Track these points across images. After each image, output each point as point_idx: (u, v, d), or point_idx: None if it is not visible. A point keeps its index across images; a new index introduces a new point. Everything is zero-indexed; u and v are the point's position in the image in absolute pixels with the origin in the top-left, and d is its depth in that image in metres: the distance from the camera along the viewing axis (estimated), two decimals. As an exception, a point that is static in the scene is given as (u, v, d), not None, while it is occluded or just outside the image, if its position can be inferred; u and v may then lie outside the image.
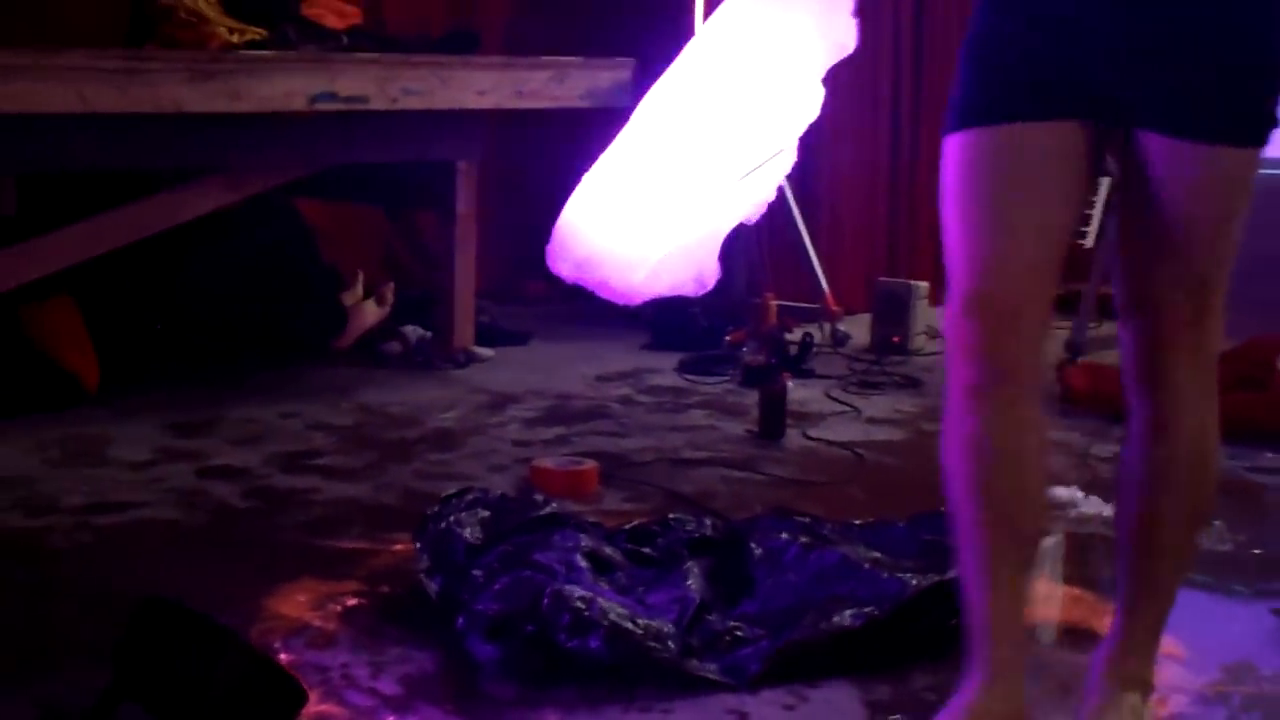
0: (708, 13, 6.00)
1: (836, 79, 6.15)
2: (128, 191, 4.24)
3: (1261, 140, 2.05)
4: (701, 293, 3.18)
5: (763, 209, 4.02)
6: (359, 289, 5.17)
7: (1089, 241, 5.97)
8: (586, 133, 5.34)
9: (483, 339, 5.04)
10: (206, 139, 4.23)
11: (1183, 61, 1.97)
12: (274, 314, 4.79)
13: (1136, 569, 2.21)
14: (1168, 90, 1.98)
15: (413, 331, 5.03)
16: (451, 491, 2.96)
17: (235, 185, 4.46)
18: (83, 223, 4.14)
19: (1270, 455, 3.90)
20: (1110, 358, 4.86)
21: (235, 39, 4.63)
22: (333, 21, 5.05)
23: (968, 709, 2.11)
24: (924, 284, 5.43)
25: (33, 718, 2.25)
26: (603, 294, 3.38)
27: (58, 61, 3.76)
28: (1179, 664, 2.54)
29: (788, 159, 3.71)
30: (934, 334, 5.42)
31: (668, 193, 2.98)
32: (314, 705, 2.24)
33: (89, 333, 4.27)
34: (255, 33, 4.66)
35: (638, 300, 3.07)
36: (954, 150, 2.06)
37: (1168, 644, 2.54)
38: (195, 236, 4.55)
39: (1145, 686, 2.22)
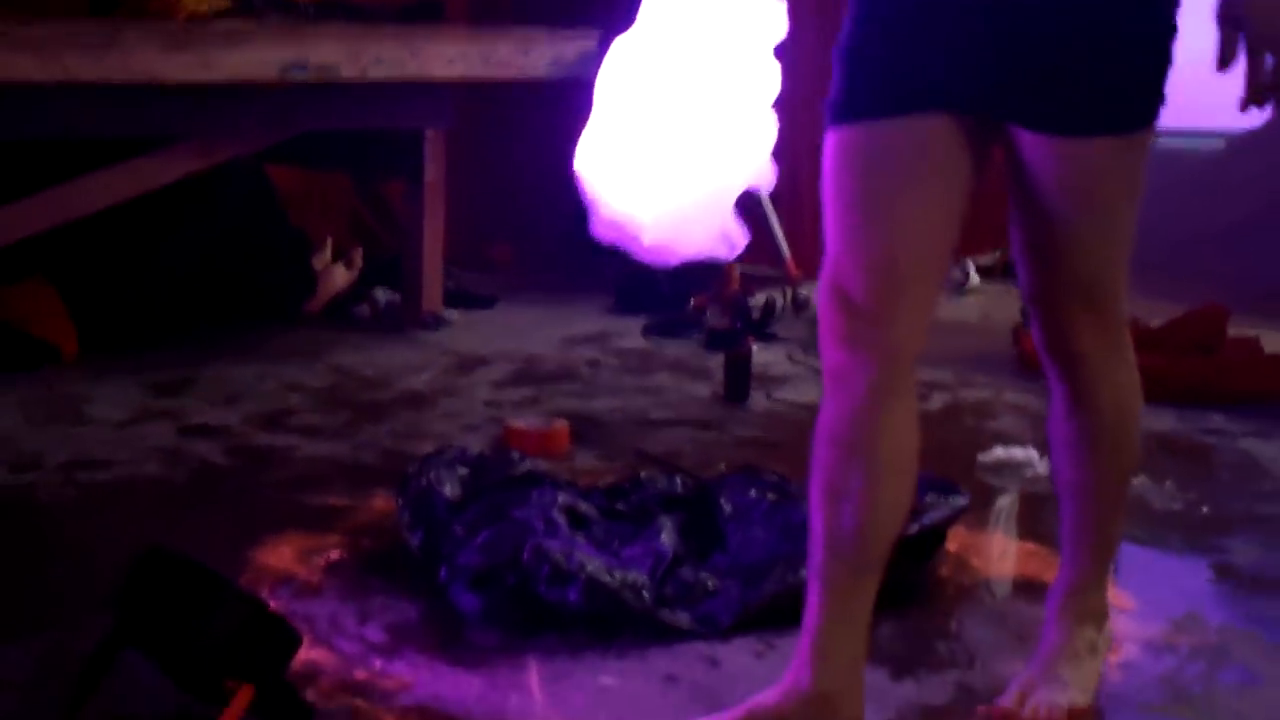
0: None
1: (797, 44, 6.26)
2: (101, 159, 4.29)
3: (1145, 122, 1.99)
4: (734, 254, 3.23)
5: (773, 175, 4.08)
6: (328, 253, 5.24)
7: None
8: (550, 102, 5.42)
9: (450, 303, 5.12)
10: (179, 107, 4.28)
11: (1046, 47, 1.91)
12: (245, 278, 4.86)
13: (1074, 518, 2.28)
14: (1032, 80, 1.93)
15: (382, 295, 5.11)
16: (430, 450, 3.05)
17: (206, 152, 4.52)
18: (57, 188, 4.20)
19: (1218, 417, 4.02)
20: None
21: (203, 8, 4.68)
22: (299, -10, 5.11)
23: (773, 712, 2.07)
24: (883, 251, 5.54)
25: (31, 668, 2.32)
26: (641, 257, 3.41)
27: (35, 32, 3.81)
28: (1128, 615, 2.65)
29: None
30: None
31: (673, 153, 3.02)
32: (304, 652, 2.31)
33: (66, 306, 4.34)
34: (221, 2, 4.71)
35: (673, 261, 3.12)
36: (829, 146, 2.04)
37: (1118, 596, 2.68)
38: (167, 204, 4.61)
39: (1099, 618, 2.30)
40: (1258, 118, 4.69)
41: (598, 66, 3.74)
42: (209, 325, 4.72)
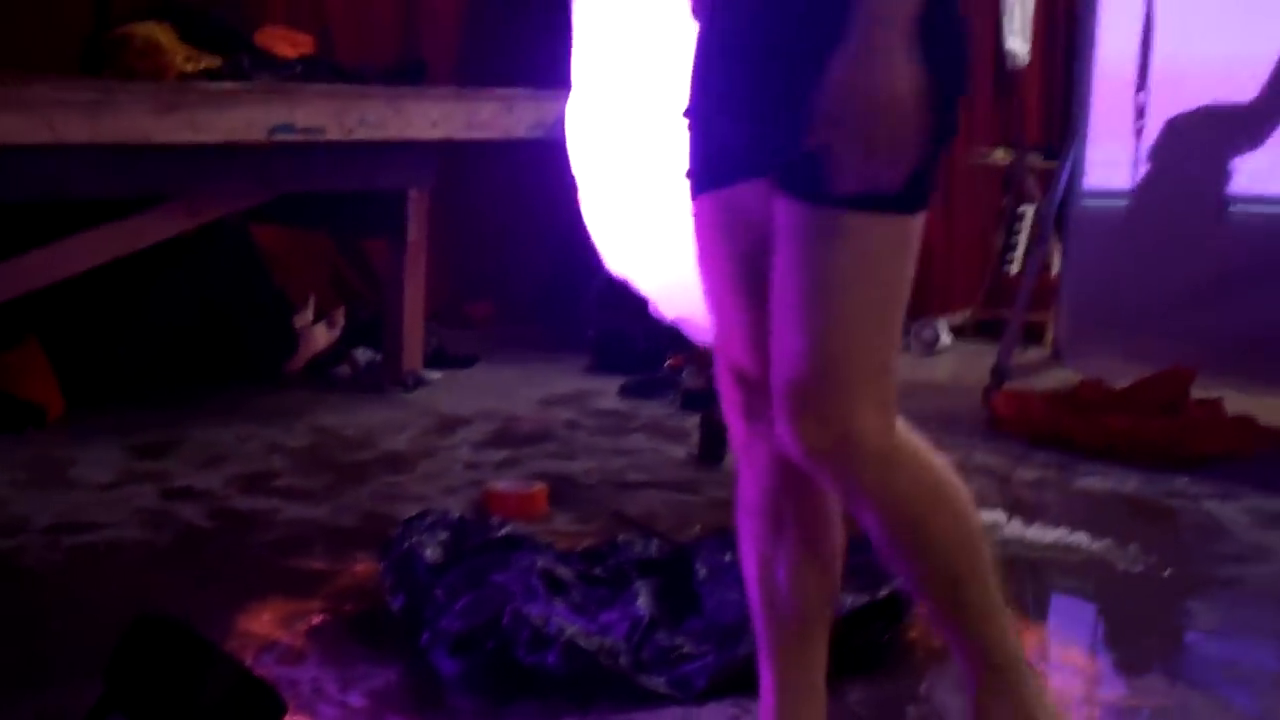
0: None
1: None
2: (89, 218, 4.36)
3: (885, 206, 1.80)
4: None
5: None
6: (309, 313, 5.31)
7: (1014, 268, 6.20)
8: (532, 161, 5.51)
9: (431, 362, 5.18)
10: (167, 167, 4.36)
11: (776, 104, 1.83)
12: (229, 337, 4.92)
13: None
14: (777, 136, 1.83)
15: (362, 354, 5.17)
16: (412, 514, 3.12)
17: (193, 212, 4.59)
18: (45, 248, 4.26)
19: (1183, 480, 4.10)
20: (1035, 383, 5.08)
21: (190, 67, 4.76)
22: (285, 50, 5.19)
23: None
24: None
25: (21, 729, 2.38)
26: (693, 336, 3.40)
27: (27, 94, 3.88)
28: (1088, 678, 2.73)
29: None
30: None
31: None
32: (288, 718, 2.38)
33: (53, 365, 4.40)
34: (210, 61, 4.79)
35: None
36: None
37: (1079, 658, 2.75)
38: (153, 263, 4.68)
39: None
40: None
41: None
42: (192, 384, 4.77)
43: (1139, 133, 5.11)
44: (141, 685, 2.17)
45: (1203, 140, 5.00)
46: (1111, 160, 5.14)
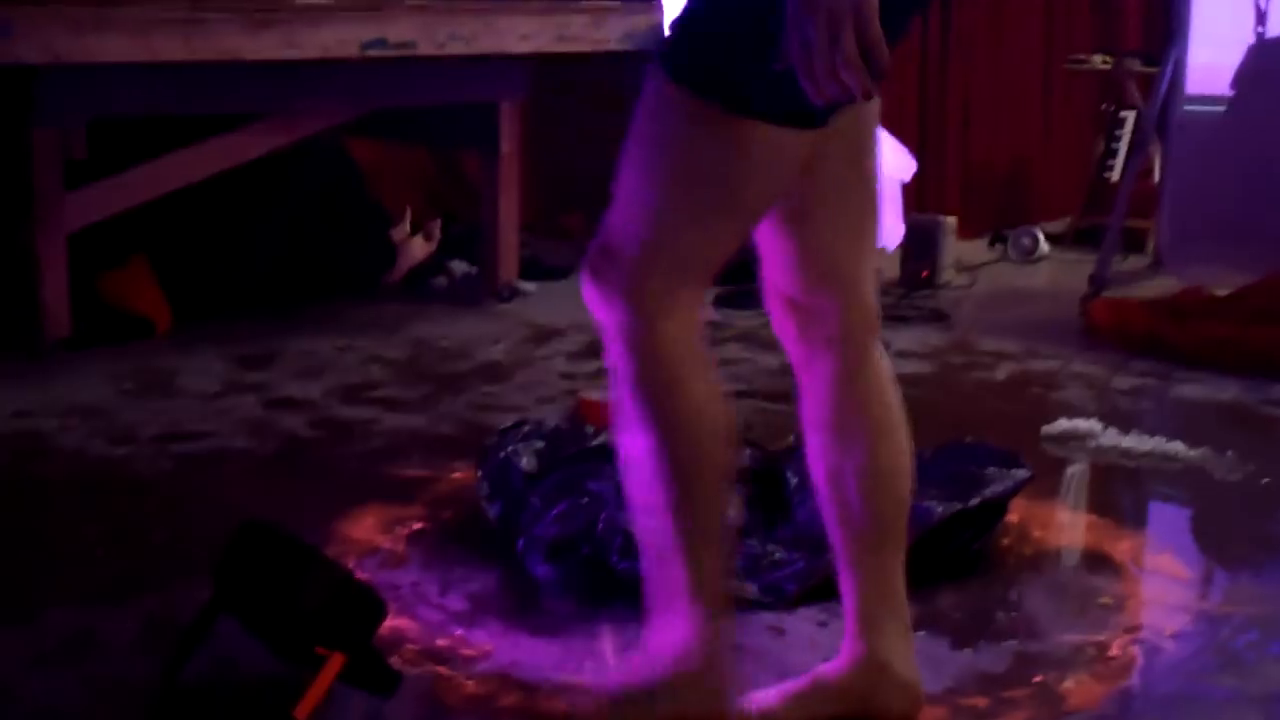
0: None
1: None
2: (189, 135, 4.43)
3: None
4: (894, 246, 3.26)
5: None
6: (406, 225, 5.36)
7: (1115, 175, 6.12)
8: (622, 73, 5.49)
9: (525, 273, 5.22)
10: (262, 84, 4.41)
11: None
12: (327, 251, 4.99)
13: None
14: None
15: (458, 266, 5.22)
16: (508, 424, 3.16)
17: (289, 128, 4.65)
18: (148, 164, 4.34)
19: (1283, 388, 4.06)
20: (1135, 291, 5.03)
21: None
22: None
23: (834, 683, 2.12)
24: (952, 219, 5.58)
25: (132, 631, 2.46)
26: None
27: (122, 13, 3.94)
28: (1183, 584, 2.73)
29: None
30: (962, 268, 5.59)
31: None
32: (389, 620, 2.43)
33: (161, 281, 4.49)
34: (303, -23, 4.81)
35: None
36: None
37: (1174, 565, 2.76)
38: (251, 180, 4.74)
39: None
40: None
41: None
42: (292, 297, 4.85)
43: (1260, 37, 4.99)
44: (247, 588, 2.24)
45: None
46: (1213, 66, 5.04)
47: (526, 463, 2.97)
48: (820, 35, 1.61)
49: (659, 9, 5.05)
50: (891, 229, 3.26)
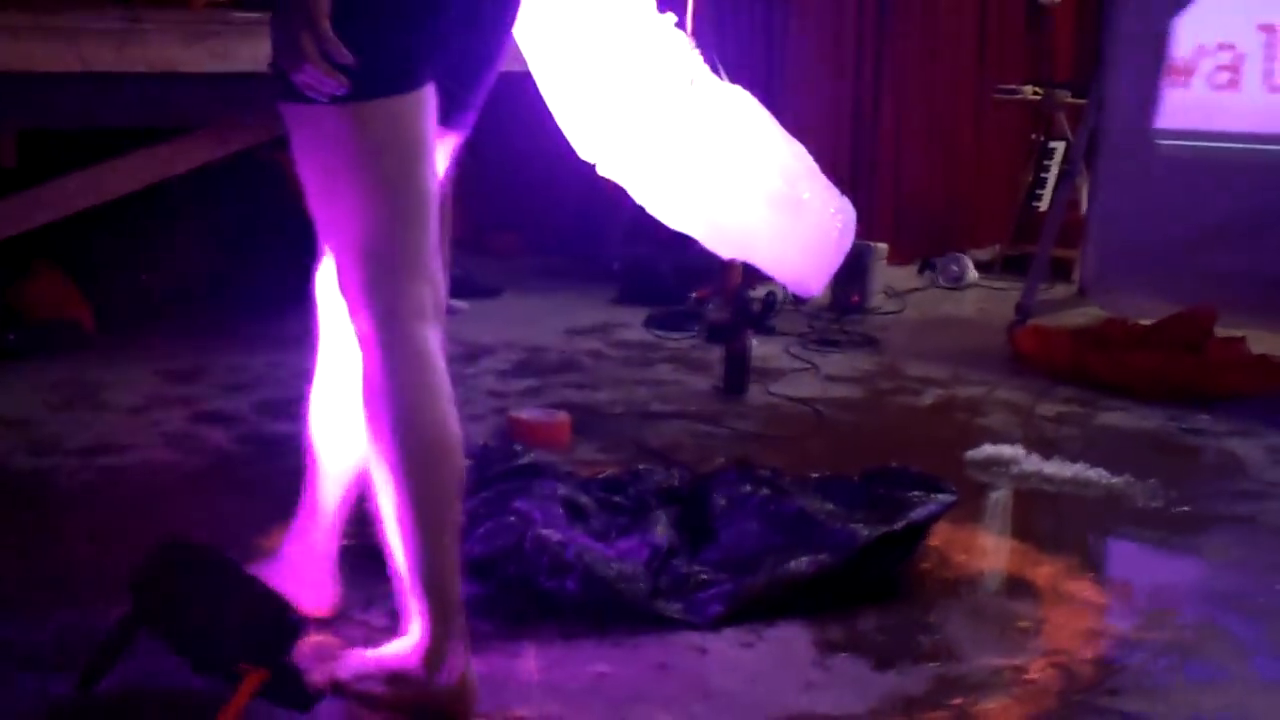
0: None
1: (798, 47, 6.36)
2: (120, 146, 4.39)
3: (288, 97, 2.13)
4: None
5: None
6: (338, 241, 5.33)
7: (1043, 204, 6.20)
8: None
9: (456, 291, 5.20)
10: (197, 96, 4.38)
11: None
12: (258, 265, 4.96)
13: None
14: None
15: (391, 283, 5.20)
16: (436, 441, 3.15)
17: (223, 140, 4.61)
18: (78, 174, 4.30)
19: (1204, 418, 4.11)
20: (1060, 319, 5.09)
21: (221, -3, 4.77)
22: (315, -21, 5.19)
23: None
24: (883, 245, 5.64)
25: (50, 645, 2.43)
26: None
27: (57, 22, 3.90)
28: (1101, 610, 2.76)
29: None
30: (892, 294, 5.64)
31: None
32: (311, 636, 2.43)
33: (83, 293, 4.45)
34: (239, -10, 4.80)
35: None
36: None
37: (1090, 590, 2.79)
38: (181, 191, 4.71)
39: None
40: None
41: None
42: (220, 311, 4.82)
43: (1189, 71, 5.03)
44: (166, 602, 2.22)
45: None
46: (1140, 99, 5.11)
47: (454, 480, 2.96)
48: (282, 36, 2.02)
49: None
50: (816, 274, 3.25)
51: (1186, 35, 5.04)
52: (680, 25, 3.16)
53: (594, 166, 3.22)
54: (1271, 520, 3.31)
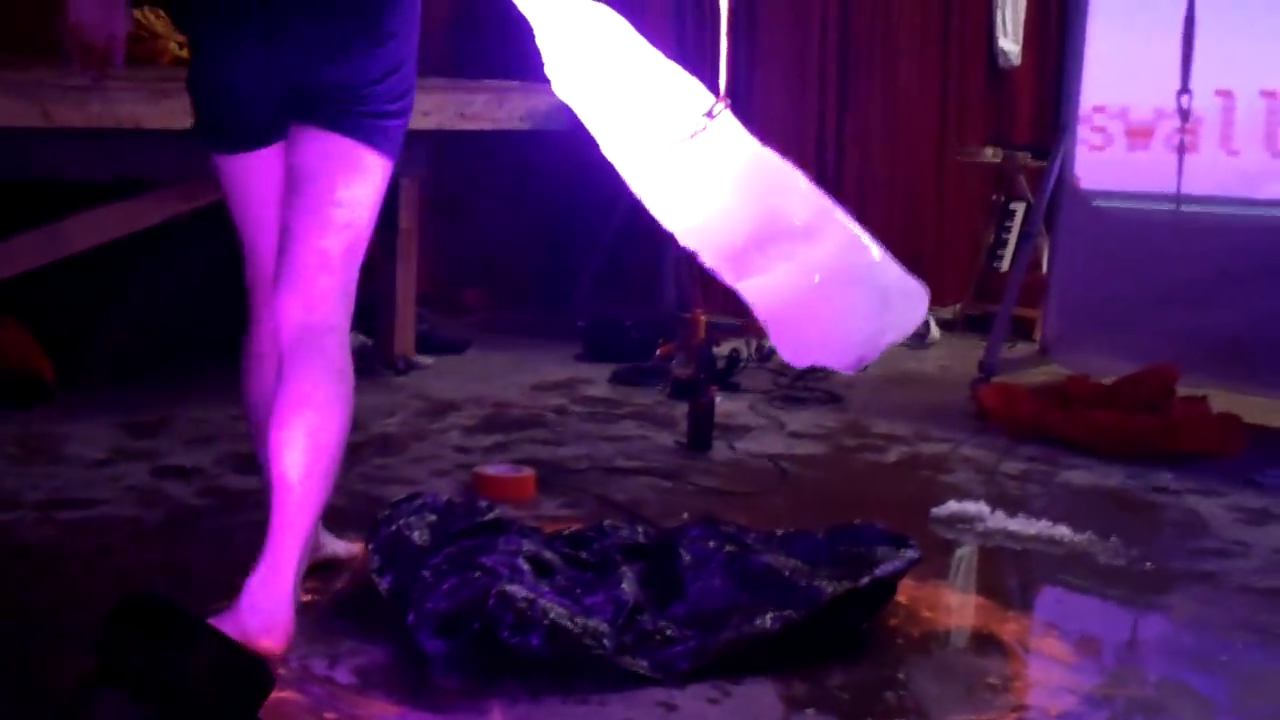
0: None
1: (763, 103, 6.40)
2: (86, 201, 4.38)
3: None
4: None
5: None
6: (302, 296, 5.32)
7: (1004, 265, 6.25)
8: (523, 152, 5.55)
9: (422, 347, 5.21)
10: (161, 152, 4.37)
11: None
12: (221, 319, 4.93)
13: None
14: None
15: (354, 339, 5.18)
16: (401, 496, 3.15)
17: (187, 196, 4.61)
18: (40, 229, 4.29)
19: (1167, 476, 4.14)
20: (1022, 377, 5.12)
21: (185, 54, 4.77)
22: (281, 37, 5.21)
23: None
24: (846, 303, 5.64)
25: (12, 702, 2.40)
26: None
27: (21, 78, 3.90)
28: (1067, 667, 2.77)
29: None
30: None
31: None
32: (275, 693, 2.40)
33: (44, 346, 4.42)
34: (207, 47, 4.80)
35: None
36: None
37: (1055, 647, 2.80)
38: (142, 245, 4.70)
39: None
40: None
41: (568, 119, 3.67)
42: (183, 365, 4.80)
43: (1183, 134, 5.03)
44: (130, 660, 2.20)
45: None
46: (1100, 161, 5.17)
47: (419, 536, 2.96)
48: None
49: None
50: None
51: (1145, 98, 5.10)
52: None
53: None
54: (1235, 578, 3.33)
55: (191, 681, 2.17)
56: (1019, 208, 6.28)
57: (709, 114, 2.87)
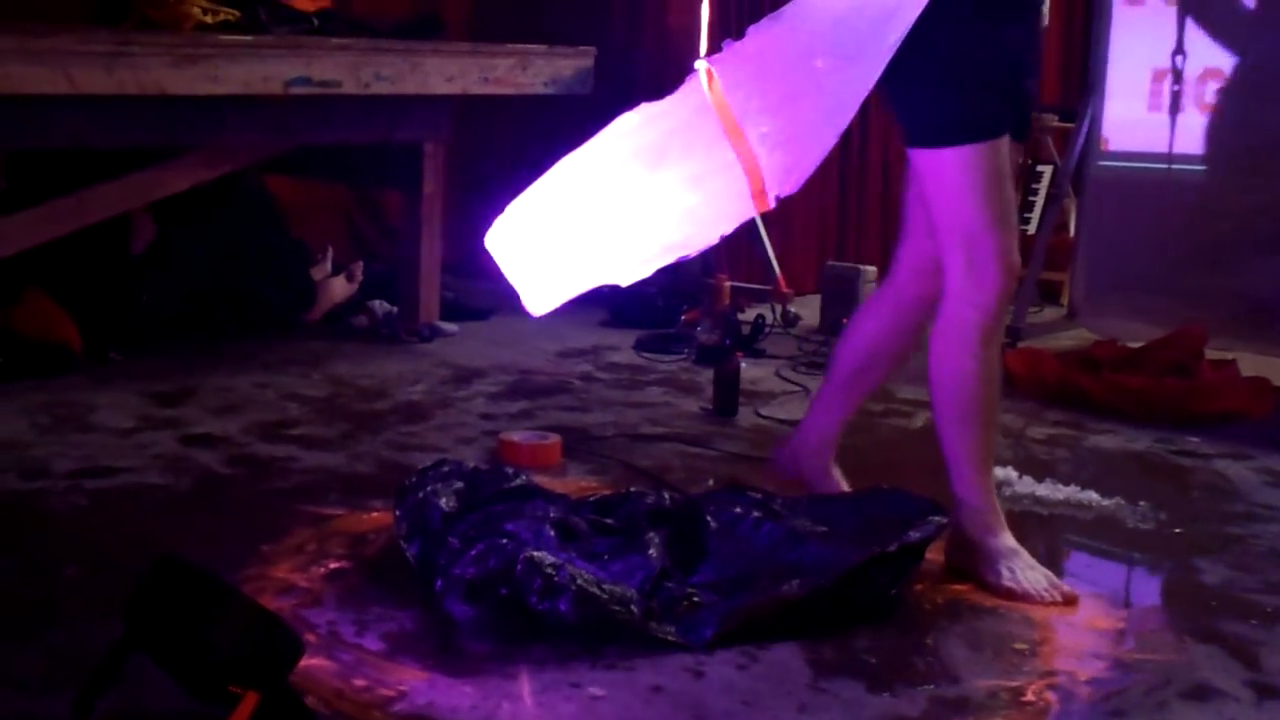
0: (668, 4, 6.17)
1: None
2: (111, 168, 4.39)
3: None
4: None
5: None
6: (328, 264, 5.34)
7: (1031, 228, 6.21)
8: (547, 116, 5.53)
9: (447, 314, 5.21)
10: (186, 118, 4.38)
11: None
12: (246, 288, 4.96)
13: None
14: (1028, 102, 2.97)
15: (379, 306, 5.20)
16: (427, 463, 3.15)
17: (211, 162, 4.62)
18: (65, 198, 4.30)
19: (1195, 439, 4.13)
20: (1050, 342, 5.10)
21: (209, 19, 4.77)
22: (303, 4, 5.21)
23: None
24: (872, 268, 5.63)
25: (41, 669, 2.41)
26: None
27: (46, 44, 3.90)
28: (1096, 633, 2.76)
29: None
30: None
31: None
32: (305, 659, 2.40)
33: (73, 315, 4.43)
34: (228, 13, 4.79)
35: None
36: (973, 159, 2.81)
37: (1087, 613, 2.79)
38: (170, 214, 4.71)
39: None
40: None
41: (594, 84, 3.67)
42: (210, 334, 4.81)
43: (1176, 96, 5.05)
44: (161, 625, 2.20)
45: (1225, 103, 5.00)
46: (1129, 122, 5.14)
47: (445, 502, 2.96)
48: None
49: (584, 54, 5.08)
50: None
51: (1176, 60, 5.06)
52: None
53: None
54: (1264, 541, 3.32)
55: (219, 647, 2.17)
56: (1046, 170, 6.23)
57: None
